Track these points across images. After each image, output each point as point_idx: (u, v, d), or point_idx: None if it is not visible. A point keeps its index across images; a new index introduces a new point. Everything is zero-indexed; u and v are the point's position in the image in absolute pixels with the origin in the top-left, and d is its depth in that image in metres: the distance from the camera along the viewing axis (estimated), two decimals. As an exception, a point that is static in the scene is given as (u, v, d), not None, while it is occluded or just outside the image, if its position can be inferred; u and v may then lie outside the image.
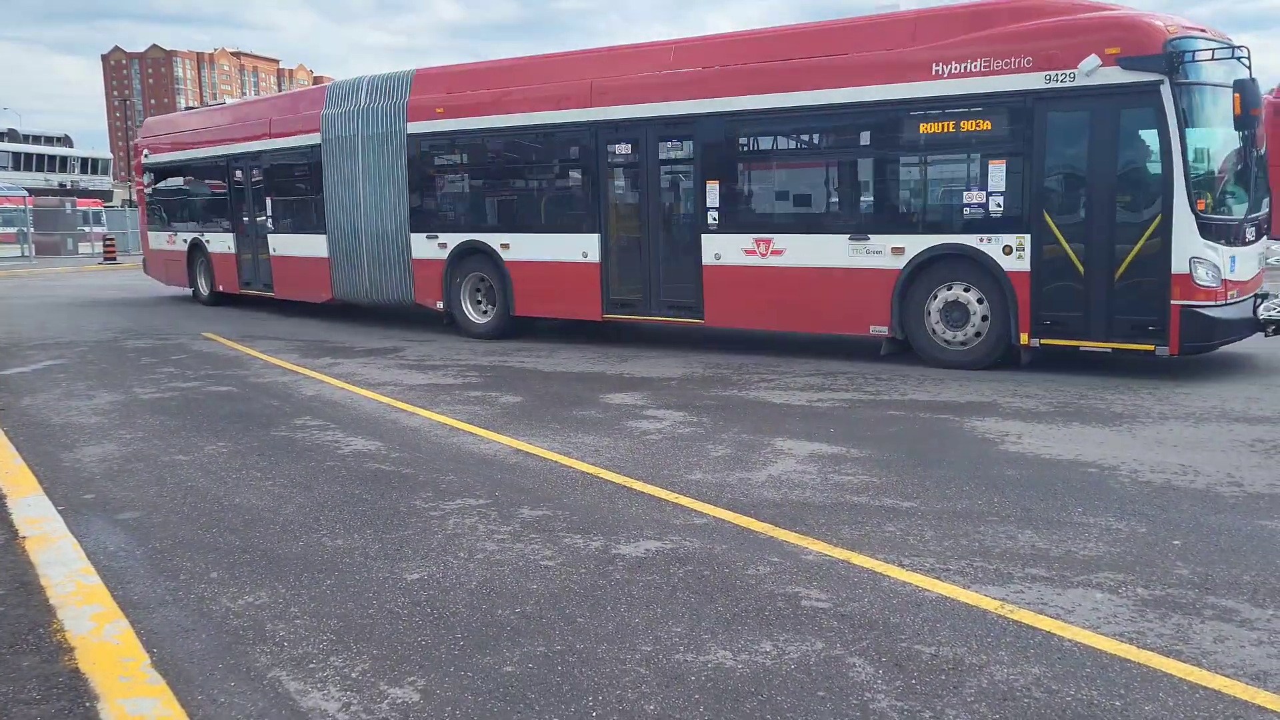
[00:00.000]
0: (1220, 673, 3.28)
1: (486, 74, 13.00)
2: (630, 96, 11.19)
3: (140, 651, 3.65)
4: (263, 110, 16.63)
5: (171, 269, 19.11)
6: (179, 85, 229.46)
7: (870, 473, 5.87)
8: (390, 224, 13.44)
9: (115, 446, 7.08)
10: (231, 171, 16.72)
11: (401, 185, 13.27)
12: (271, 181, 15.92)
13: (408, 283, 13.40)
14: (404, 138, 13.17)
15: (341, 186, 14.06)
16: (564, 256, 11.73)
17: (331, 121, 14.19)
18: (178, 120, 19.81)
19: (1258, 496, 5.18)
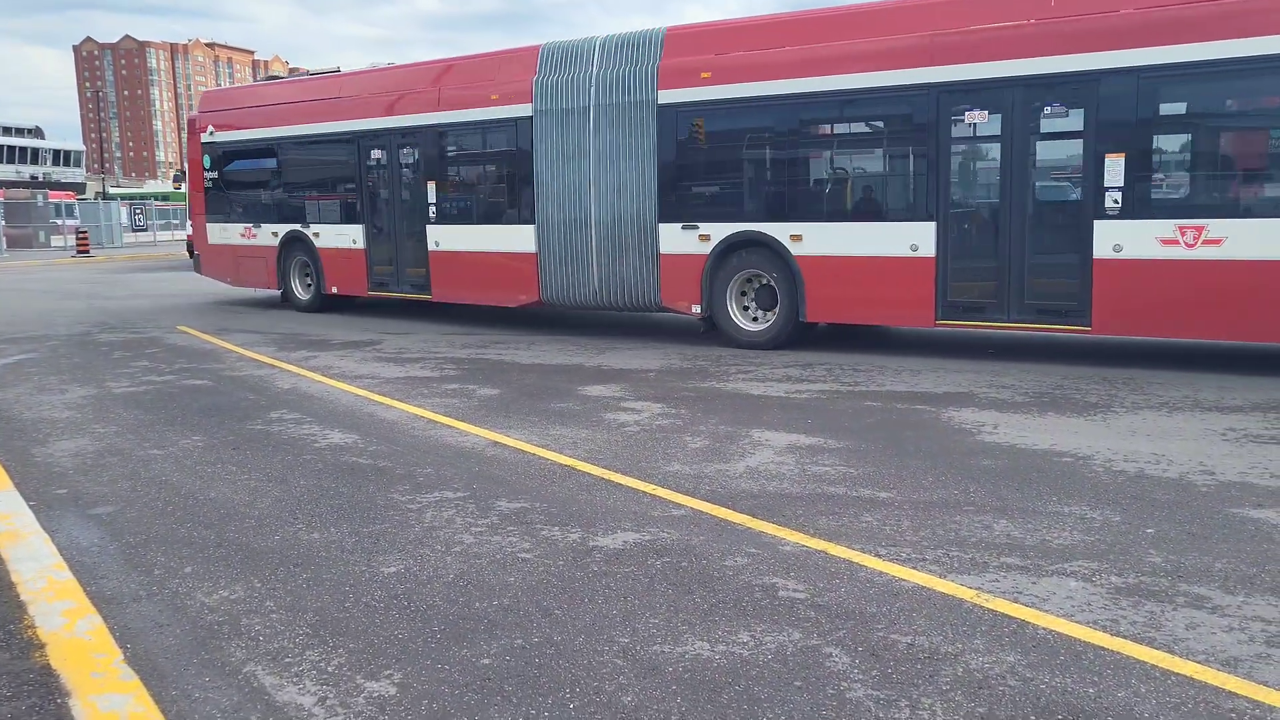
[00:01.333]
0: (1192, 659, 3.31)
1: (763, 30, 10.63)
2: (988, 52, 9.07)
3: (113, 647, 3.62)
4: (421, 78, 13.50)
5: (247, 268, 16.11)
6: (152, 77, 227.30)
7: (848, 463, 5.89)
8: (630, 212, 11.12)
9: (88, 441, 7.02)
10: (364, 151, 13.91)
11: (648, 165, 10.96)
12: (437, 162, 13.15)
13: (652, 282, 11.09)
14: (654, 108, 10.87)
15: (561, 167, 11.62)
16: (881, 250, 9.67)
17: (550, 90, 11.67)
18: (261, 92, 16.29)
19: (1229, 485, 5.24)
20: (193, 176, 16.85)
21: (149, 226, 50.02)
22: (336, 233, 14.44)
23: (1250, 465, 5.58)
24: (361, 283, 14.23)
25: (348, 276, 14.38)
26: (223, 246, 16.49)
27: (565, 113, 11.58)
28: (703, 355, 10.09)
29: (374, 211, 14.09)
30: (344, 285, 14.53)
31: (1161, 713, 2.97)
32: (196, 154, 16.66)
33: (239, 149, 15.97)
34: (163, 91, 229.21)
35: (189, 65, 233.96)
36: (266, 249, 15.55)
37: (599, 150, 11.32)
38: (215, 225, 16.50)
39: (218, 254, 16.69)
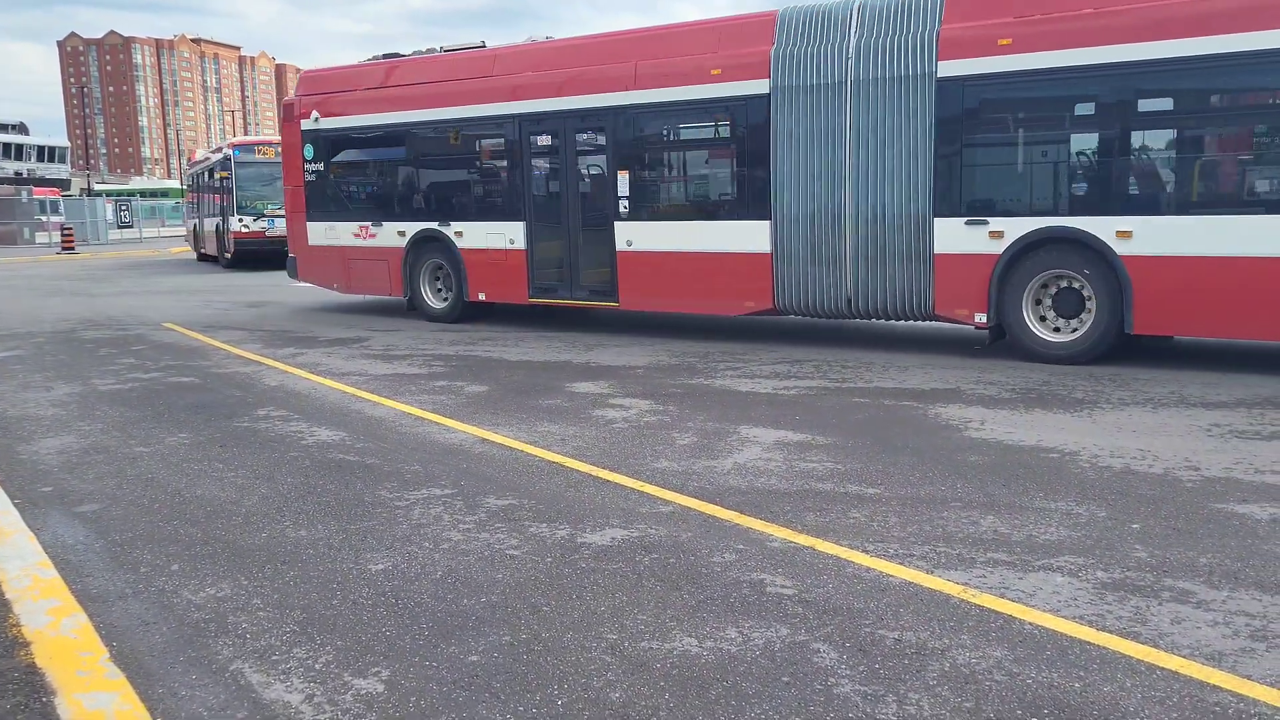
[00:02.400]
0: (1177, 653, 3.33)
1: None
2: None
3: (99, 645, 3.60)
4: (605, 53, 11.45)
5: (361, 272, 13.84)
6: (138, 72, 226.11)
7: (835, 460, 5.90)
8: (897, 204, 9.47)
9: (74, 439, 6.98)
10: (527, 137, 11.91)
11: (921, 150, 9.31)
12: (631, 148, 11.14)
13: (924, 285, 9.40)
14: (931, 83, 9.20)
15: (806, 153, 9.91)
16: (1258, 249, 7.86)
17: (794, 63, 9.90)
18: (380, 72, 13.72)
19: (1214, 480, 5.27)
20: (289, 169, 14.68)
21: (135, 223, 49.77)
22: (487, 231, 12.37)
23: (1235, 461, 5.62)
24: (520, 288, 12.21)
25: (501, 281, 12.33)
26: (329, 249, 14.14)
27: (813, 89, 9.82)
28: (690, 352, 10.10)
29: (540, 207, 12.08)
30: (495, 291, 12.49)
31: (1146, 707, 2.99)
32: (295, 143, 14.41)
33: (353, 136, 13.83)
34: (148, 88, 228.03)
35: (174, 61, 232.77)
36: (389, 251, 13.37)
37: (857, 133, 9.64)
38: (319, 224, 14.22)
39: (322, 257, 14.32)
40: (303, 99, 14.32)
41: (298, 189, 14.51)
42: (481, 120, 12.40)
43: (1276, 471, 5.38)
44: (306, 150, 14.25)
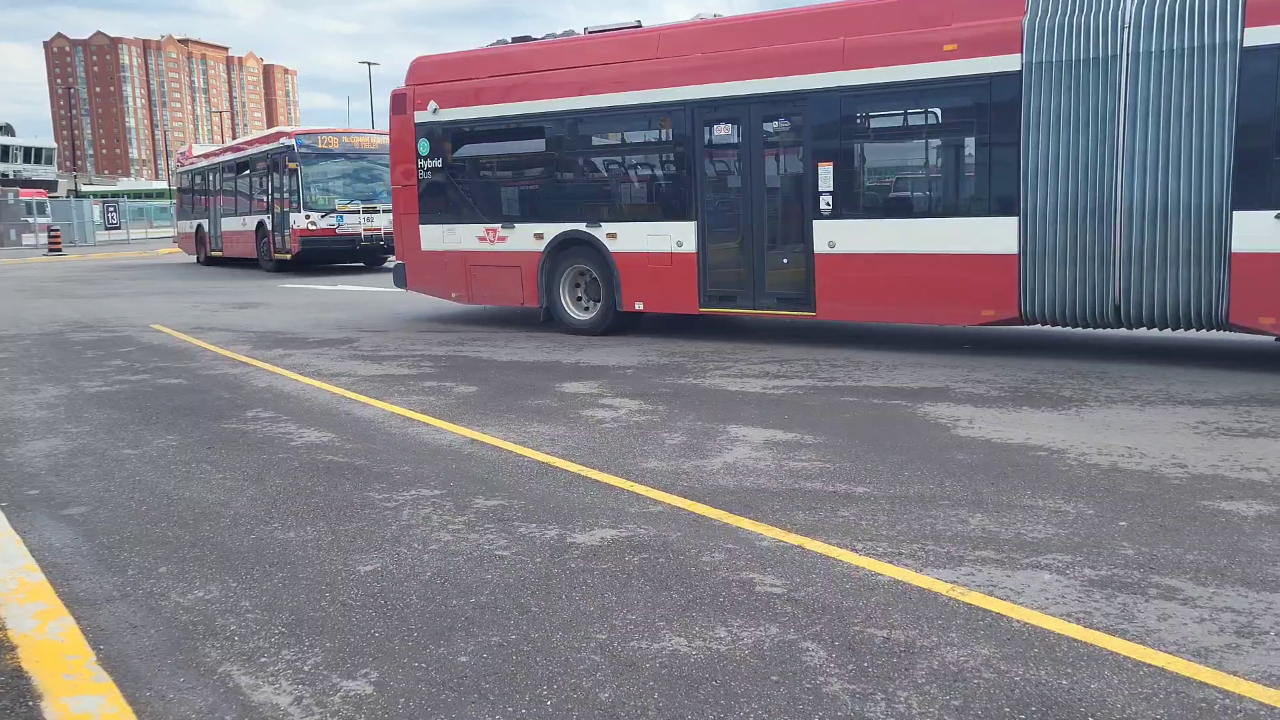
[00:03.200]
0: (1164, 650, 3.34)
1: None
2: None
3: (86, 649, 3.59)
4: (799, 29, 10.05)
5: (487, 280, 12.32)
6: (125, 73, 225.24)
7: (824, 459, 5.91)
8: (1184, 195, 8.22)
9: (61, 441, 6.95)
10: (700, 126, 10.61)
11: (1218, 131, 8.06)
12: (836, 137, 9.82)
13: (1217, 289, 8.16)
14: (1235, 54, 7.97)
15: (1068, 138, 8.67)
16: None
17: (1055, 35, 8.65)
18: (510, 57, 12.18)
19: (1200, 477, 5.29)
20: (399, 166, 13.16)
21: (122, 224, 49.60)
22: (649, 233, 10.95)
23: (1222, 458, 5.64)
24: (687, 297, 10.82)
25: (664, 289, 10.96)
26: (447, 254, 12.61)
27: (1079, 64, 8.59)
28: (680, 352, 10.10)
29: (715, 204, 10.77)
30: (655, 300, 11.08)
31: (1133, 703, 3.00)
32: (407, 137, 12.87)
33: (479, 129, 12.33)
34: (135, 88, 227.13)
35: (162, 62, 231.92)
36: (523, 256, 11.91)
37: (1134, 113, 8.42)
38: (435, 228, 12.69)
39: (437, 264, 12.74)
40: (417, 89, 12.75)
41: (409, 188, 12.97)
42: (643, 108, 10.96)
43: (1262, 468, 5.41)
44: (421, 145, 12.72)
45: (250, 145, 26.29)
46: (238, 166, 26.67)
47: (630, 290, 11.19)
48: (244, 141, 27.65)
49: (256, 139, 26.29)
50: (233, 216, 27.00)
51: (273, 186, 24.09)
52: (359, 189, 23.51)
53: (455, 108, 12.40)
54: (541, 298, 11.90)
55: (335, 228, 23.00)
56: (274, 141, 24.23)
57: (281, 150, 23.34)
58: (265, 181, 24.52)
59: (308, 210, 22.74)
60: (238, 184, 26.82)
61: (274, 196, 24.03)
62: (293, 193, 23.04)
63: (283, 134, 23.94)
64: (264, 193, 24.70)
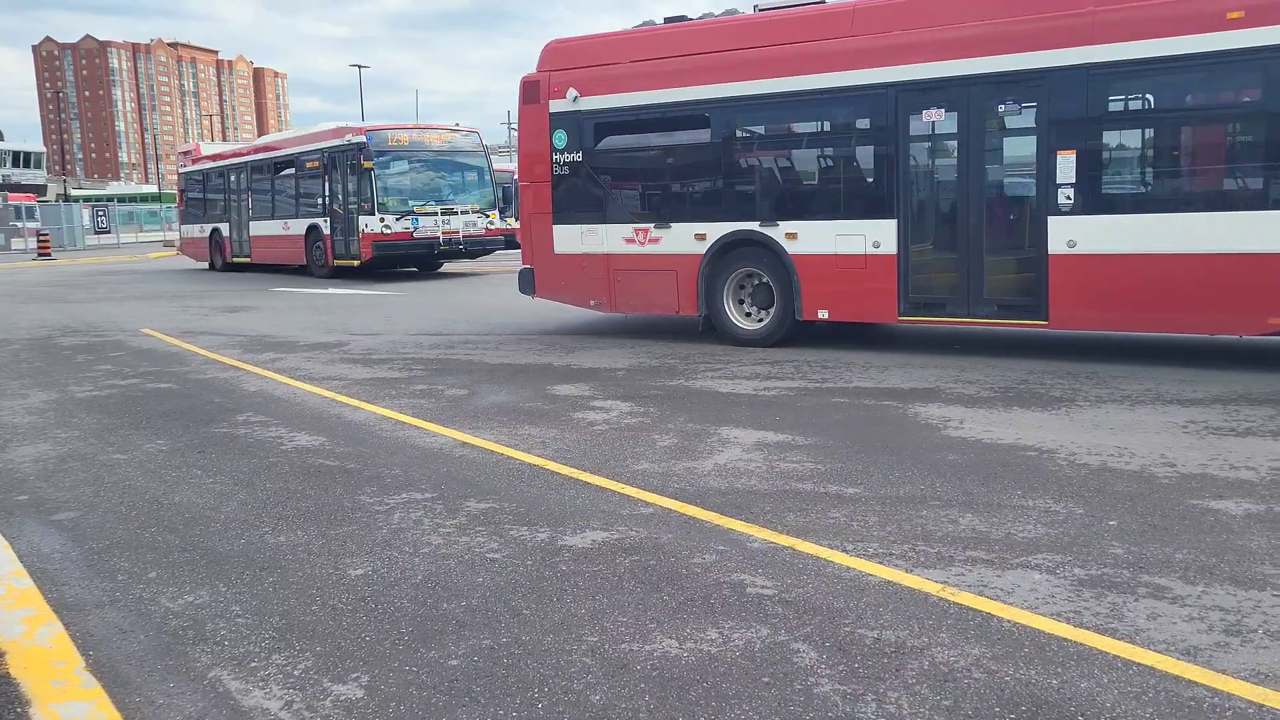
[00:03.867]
0: (1153, 649, 3.35)
1: None
2: None
3: (75, 655, 3.57)
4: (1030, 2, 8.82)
5: (635, 285, 11.05)
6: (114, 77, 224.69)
7: (815, 460, 5.92)
8: None
9: (50, 446, 6.93)
10: (906, 111, 9.36)
11: None
12: (1078, 122, 8.59)
13: None
14: None
15: None
16: None
17: None
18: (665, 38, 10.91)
19: (1189, 477, 5.31)
20: (529, 161, 11.80)
21: (112, 228, 49.46)
22: (838, 233, 9.72)
23: (1210, 457, 5.66)
24: (885, 303, 9.60)
25: (855, 295, 9.76)
26: (587, 258, 11.27)
27: None
28: (672, 354, 10.11)
29: (920, 199, 9.68)
30: (845, 307, 9.87)
31: (1123, 702, 3.01)
32: (540, 129, 11.51)
33: (628, 118, 11.02)
34: (125, 92, 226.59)
35: (151, 65, 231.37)
36: (680, 259, 10.64)
37: None
38: (571, 228, 11.37)
39: (574, 268, 11.39)
40: (552, 75, 11.41)
41: (540, 185, 11.64)
42: (833, 93, 9.74)
43: (1251, 467, 5.43)
44: (557, 137, 11.41)
45: (297, 142, 24.22)
46: (276, 165, 24.73)
47: (813, 297, 9.93)
48: (287, 138, 25.59)
49: (307, 135, 24.02)
50: (267, 219, 24.90)
51: (332, 187, 22.11)
52: (431, 189, 21.89)
53: (600, 95, 11.09)
54: (701, 305, 10.66)
55: (411, 231, 21.10)
56: (335, 138, 22.06)
57: (348, 148, 21.30)
58: (321, 182, 22.47)
59: (382, 213, 20.79)
60: (276, 184, 24.82)
61: (334, 198, 22.02)
62: (362, 194, 21.03)
63: (346, 130, 21.82)
64: (317, 194, 22.68)
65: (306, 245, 23.15)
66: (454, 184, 22.32)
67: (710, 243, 10.47)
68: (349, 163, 21.33)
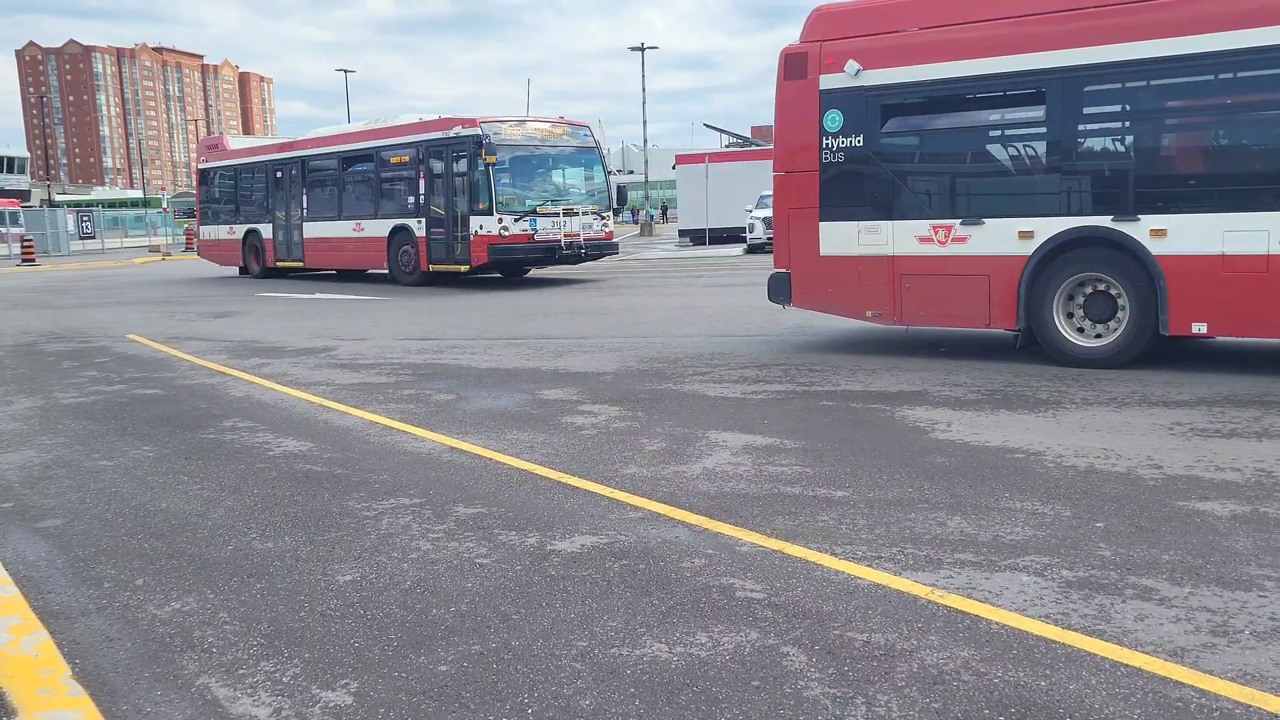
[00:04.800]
0: (1141, 650, 3.37)
1: None
2: None
3: (61, 663, 3.55)
4: None
5: (931, 292, 9.40)
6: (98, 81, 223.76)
7: (804, 463, 5.93)
8: None
9: (35, 453, 6.89)
10: None
11: None
12: None
13: None
14: None
15: None
16: None
17: None
18: None
19: (1176, 478, 5.34)
20: (790, 146, 10.13)
21: (97, 234, 49.22)
22: (1226, 228, 7.94)
23: (1196, 459, 5.70)
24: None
25: (1251, 305, 7.93)
26: (864, 260, 9.64)
27: None
28: (659, 358, 10.11)
29: None
30: (1233, 320, 8.15)
31: (1111, 703, 3.02)
32: (805, 108, 9.88)
33: (929, 94, 9.38)
34: (109, 97, 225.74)
35: (136, 70, 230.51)
36: (995, 262, 9.00)
37: None
38: (845, 225, 9.70)
39: (848, 272, 9.76)
40: (824, 46, 9.75)
41: (804, 175, 9.98)
42: (1233, 56, 7.89)
43: (1237, 468, 5.46)
44: (829, 118, 9.75)
45: (377, 135, 21.70)
46: (345, 160, 22.50)
47: (1186, 307, 8.17)
48: (360, 130, 22.80)
49: (394, 127, 21.48)
50: (331, 220, 22.68)
51: (430, 184, 19.86)
52: (550, 188, 19.99)
53: (890, 67, 9.44)
54: (1020, 317, 8.95)
55: (532, 233, 18.88)
56: (439, 130, 19.69)
57: (458, 141, 19.03)
58: (413, 178, 20.21)
59: (501, 212, 18.50)
60: (345, 181, 22.64)
61: (432, 196, 19.78)
62: (476, 192, 18.77)
63: (454, 121, 19.41)
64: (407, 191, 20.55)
65: (390, 249, 20.84)
66: (572, 182, 20.47)
67: (1039, 242, 8.78)
68: (457, 157, 19.08)
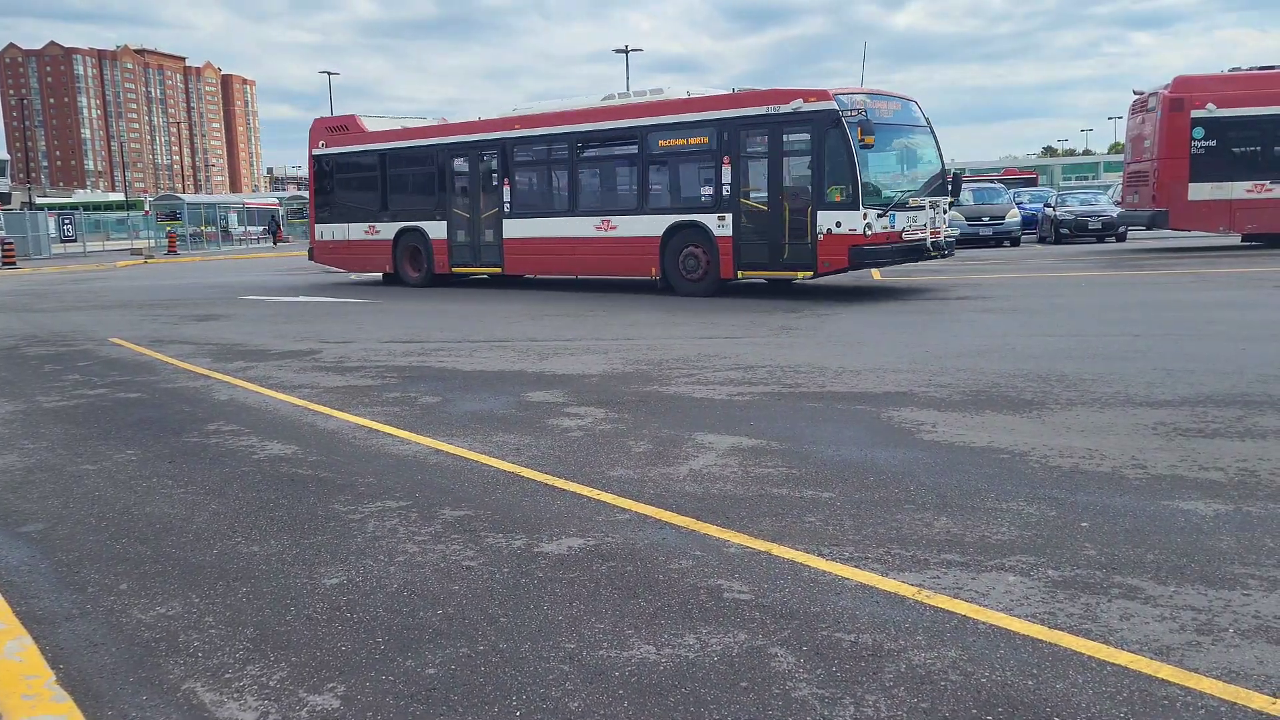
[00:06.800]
0: (1126, 649, 3.38)
1: None
2: None
3: (45, 668, 3.52)
4: None
5: None
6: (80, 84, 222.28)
7: (790, 464, 5.93)
8: None
9: (16, 457, 6.83)
10: None
11: None
12: None
13: None
14: None
15: None
16: None
17: None
18: None
19: (1160, 478, 5.37)
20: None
21: (78, 237, 48.90)
22: None
23: (1180, 458, 5.73)
24: None
25: None
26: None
27: None
28: (645, 360, 10.11)
29: None
30: None
31: (1097, 702, 3.04)
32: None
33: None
34: (90, 99, 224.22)
35: (117, 72, 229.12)
36: None
37: None
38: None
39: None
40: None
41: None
42: None
43: (1220, 468, 5.49)
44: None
45: (652, 110, 17.16)
46: (585, 141, 18.18)
47: None
48: (616, 105, 18.02)
49: (684, 100, 17.01)
50: (560, 216, 18.40)
51: (747, 170, 15.95)
52: (904, 174, 16.15)
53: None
54: None
55: (900, 230, 15.29)
56: (768, 104, 15.53)
57: (800, 118, 15.12)
58: (714, 164, 16.17)
59: (867, 206, 14.66)
60: (584, 167, 18.42)
61: (750, 185, 15.95)
62: (828, 180, 14.94)
63: (793, 93, 15.28)
64: (697, 180, 16.73)
65: (664, 251, 16.79)
66: (925, 168, 16.45)
67: None
68: (794, 137, 15.34)
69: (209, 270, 31.72)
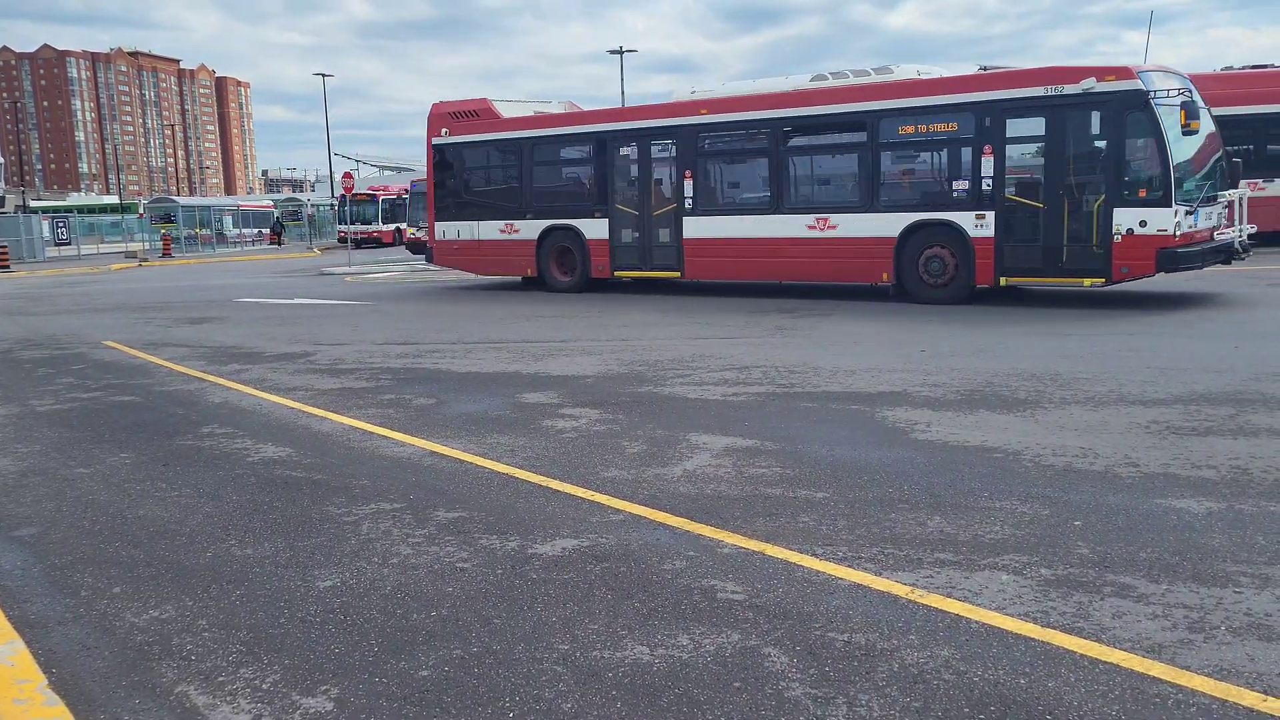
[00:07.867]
0: (1119, 647, 3.39)
1: None
2: None
3: (37, 673, 3.52)
4: None
5: None
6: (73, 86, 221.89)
7: (784, 465, 5.94)
8: None
9: (9, 461, 6.82)
10: None
11: None
12: None
13: None
14: None
15: None
16: None
17: None
18: None
19: (1153, 476, 5.38)
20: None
21: (72, 240, 48.81)
22: None
23: (1173, 457, 5.74)
24: None
25: None
26: None
27: None
28: (640, 361, 10.11)
29: None
30: None
31: (1090, 700, 3.04)
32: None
33: None
34: (84, 102, 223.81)
35: (111, 75, 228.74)
36: None
37: None
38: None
39: None
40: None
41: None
42: None
43: (1212, 466, 5.51)
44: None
45: (882, 92, 14.78)
46: (794, 128, 15.75)
47: None
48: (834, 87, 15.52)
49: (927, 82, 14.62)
50: (760, 214, 15.98)
51: (1000, 162, 13.68)
52: (1207, 165, 13.61)
53: None
54: None
55: (1211, 229, 13.29)
56: (1045, 83, 13.27)
57: (1092, 100, 12.96)
58: (970, 153, 13.94)
59: (1180, 202, 12.61)
60: (791, 159, 15.95)
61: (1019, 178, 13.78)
62: (1126, 173, 12.89)
63: (1082, 71, 13.00)
64: (946, 174, 14.49)
65: (900, 253, 14.45)
66: (1214, 155, 13.92)
67: None
68: (1081, 122, 13.31)
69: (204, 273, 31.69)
